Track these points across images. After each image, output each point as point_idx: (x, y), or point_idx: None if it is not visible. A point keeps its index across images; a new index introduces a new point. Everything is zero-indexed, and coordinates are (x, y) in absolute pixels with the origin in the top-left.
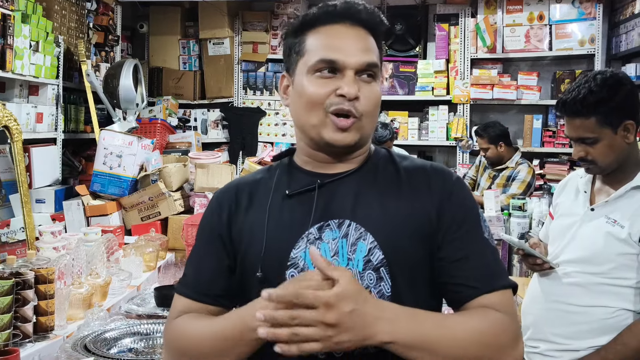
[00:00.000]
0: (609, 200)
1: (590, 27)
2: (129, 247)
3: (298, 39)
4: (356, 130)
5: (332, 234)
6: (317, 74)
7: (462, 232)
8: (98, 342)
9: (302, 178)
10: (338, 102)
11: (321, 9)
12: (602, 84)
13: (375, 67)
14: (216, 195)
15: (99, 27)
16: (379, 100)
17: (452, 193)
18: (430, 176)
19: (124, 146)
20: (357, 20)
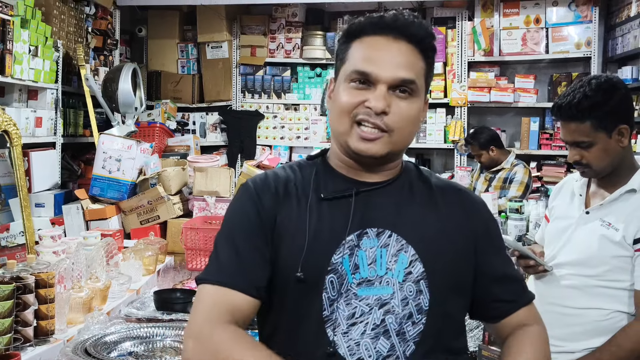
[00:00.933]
0: (604, 203)
1: (586, 30)
2: (128, 250)
3: (344, 46)
4: (383, 143)
5: (370, 242)
6: (352, 84)
7: (496, 254)
8: (98, 345)
9: (337, 182)
10: (364, 112)
11: (368, 19)
12: (596, 88)
13: (411, 84)
14: (252, 185)
15: (97, 32)
16: (414, 117)
17: (487, 218)
18: (463, 197)
19: (123, 150)
20: (402, 33)
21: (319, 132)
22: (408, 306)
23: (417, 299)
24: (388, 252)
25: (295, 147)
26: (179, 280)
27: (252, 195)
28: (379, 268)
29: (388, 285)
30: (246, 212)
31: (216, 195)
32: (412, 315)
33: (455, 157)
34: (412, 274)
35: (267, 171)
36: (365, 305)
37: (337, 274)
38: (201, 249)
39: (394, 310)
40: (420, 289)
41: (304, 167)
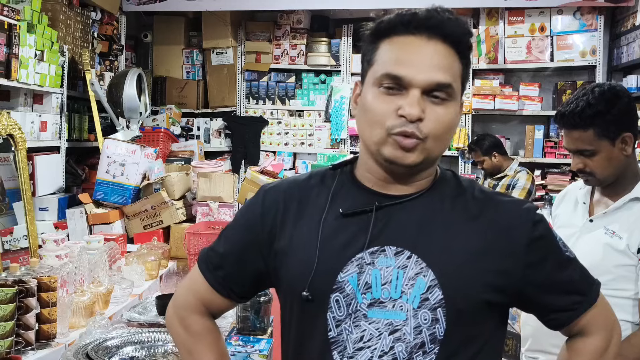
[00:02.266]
0: (608, 211)
1: (591, 39)
2: (131, 255)
3: (371, 46)
4: (420, 151)
5: (386, 261)
6: (382, 89)
7: (548, 269)
8: (100, 350)
9: (360, 195)
10: (400, 124)
11: (398, 17)
12: (600, 96)
13: (447, 88)
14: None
15: (103, 37)
16: (451, 124)
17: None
18: (505, 210)
19: (127, 155)
20: (437, 33)
21: (323, 139)
22: (421, 335)
23: (431, 328)
24: (405, 274)
25: (299, 153)
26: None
27: (259, 206)
28: (394, 290)
29: (401, 311)
30: (248, 219)
31: (219, 201)
32: (424, 344)
33: (459, 164)
34: (428, 300)
35: (287, 179)
36: (375, 329)
37: (343, 293)
38: None
39: (404, 339)
40: (437, 318)
41: (328, 177)
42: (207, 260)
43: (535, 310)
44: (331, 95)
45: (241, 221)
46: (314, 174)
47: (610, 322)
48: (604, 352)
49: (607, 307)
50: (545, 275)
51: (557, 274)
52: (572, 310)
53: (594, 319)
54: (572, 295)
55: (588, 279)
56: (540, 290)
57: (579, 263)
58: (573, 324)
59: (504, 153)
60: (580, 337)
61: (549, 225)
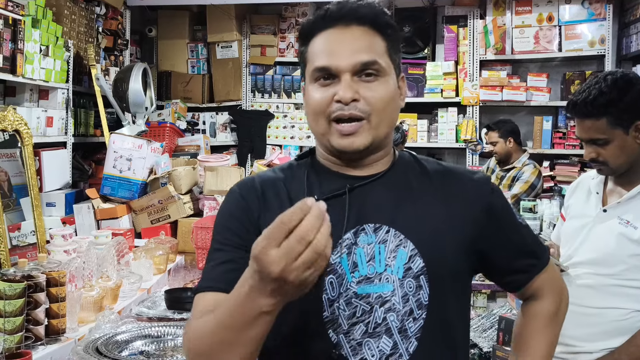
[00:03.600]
0: (622, 201)
1: (600, 28)
2: (139, 250)
3: (302, 49)
4: (365, 132)
5: (367, 238)
6: (317, 82)
7: (506, 231)
8: (109, 344)
9: (331, 179)
10: (337, 108)
11: (316, 15)
12: (612, 84)
13: (374, 65)
14: (238, 193)
15: (108, 32)
16: (388, 97)
17: (490, 196)
18: (463, 180)
19: (133, 149)
20: (352, 19)
21: None
22: (409, 302)
23: (417, 294)
24: (387, 248)
25: (305, 146)
26: (190, 279)
27: (239, 201)
28: (378, 265)
29: (388, 282)
30: (233, 217)
31: None
32: (412, 311)
33: (467, 157)
34: (411, 269)
35: (254, 175)
36: (366, 304)
37: (336, 274)
38: None
39: (395, 308)
40: (420, 284)
41: (295, 167)
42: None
43: (495, 273)
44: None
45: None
46: (279, 167)
47: (559, 286)
48: (557, 313)
49: (556, 272)
50: (503, 238)
51: (513, 237)
52: (527, 272)
53: (546, 282)
54: (527, 258)
55: (539, 244)
56: (500, 253)
57: (530, 229)
58: (528, 285)
59: (519, 142)
60: (534, 300)
61: (502, 192)
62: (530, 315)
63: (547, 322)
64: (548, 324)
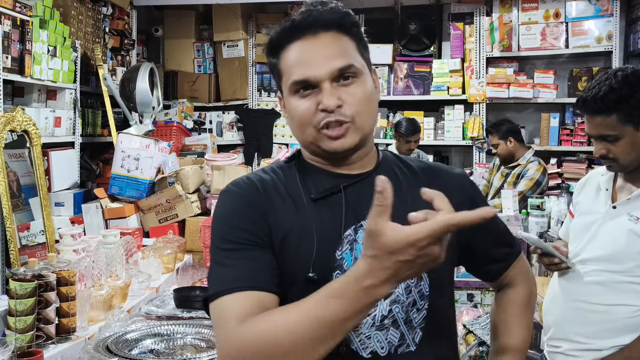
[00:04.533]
0: (631, 197)
1: (607, 24)
2: (148, 249)
3: (273, 61)
4: (352, 133)
5: None
6: (298, 94)
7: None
8: (119, 343)
9: (323, 178)
10: (323, 116)
11: (282, 26)
12: (622, 80)
13: (350, 68)
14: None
15: (114, 32)
16: (368, 96)
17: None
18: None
19: (141, 149)
20: (319, 26)
21: None
22: (411, 294)
23: (418, 285)
24: None
25: None
26: (198, 278)
27: (240, 199)
28: None
29: None
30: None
31: None
32: (415, 302)
33: (473, 154)
34: None
35: (246, 175)
36: None
37: (342, 270)
38: None
39: (399, 300)
40: (421, 276)
41: (284, 168)
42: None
43: (476, 263)
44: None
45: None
46: (267, 169)
47: (530, 273)
48: (530, 299)
49: (525, 260)
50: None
51: (490, 227)
52: (504, 261)
53: (520, 269)
54: (504, 247)
55: (510, 233)
56: (480, 243)
57: (501, 219)
58: (506, 273)
59: (520, 140)
60: (509, 288)
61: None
62: (507, 303)
63: (523, 308)
64: (524, 309)
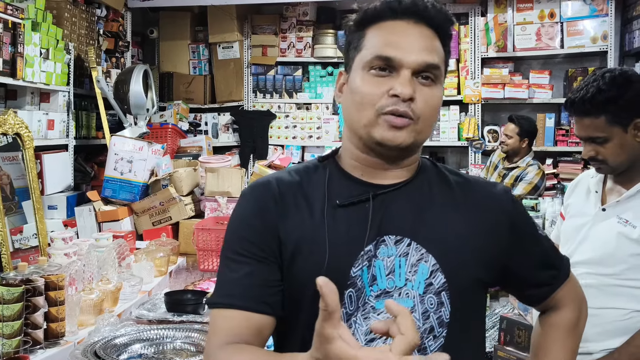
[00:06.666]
0: (621, 200)
1: (602, 24)
2: (140, 252)
3: (358, 33)
4: (410, 132)
5: (387, 250)
6: (372, 72)
7: (527, 244)
8: (108, 348)
9: (352, 186)
10: (392, 102)
11: (384, 4)
12: (610, 82)
13: (436, 70)
14: (251, 193)
15: (109, 34)
16: (437, 105)
17: (510, 207)
18: (483, 191)
19: (134, 151)
20: (423, 17)
21: (331, 132)
22: (429, 320)
23: (438, 311)
24: (407, 261)
25: (308, 146)
26: (191, 281)
27: (253, 206)
28: (398, 279)
29: (408, 298)
30: (248, 224)
31: (228, 196)
32: (433, 329)
33: (469, 155)
34: (433, 285)
35: (270, 176)
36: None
37: (355, 288)
38: (213, 249)
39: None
40: (442, 301)
41: (314, 170)
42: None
43: (515, 287)
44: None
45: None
46: (297, 168)
47: (579, 295)
48: (577, 324)
49: (576, 281)
50: (525, 251)
51: (534, 249)
52: (549, 285)
53: (567, 293)
54: (549, 270)
55: (559, 255)
56: (522, 266)
57: (550, 240)
58: (550, 298)
59: (531, 144)
60: (554, 311)
61: (523, 205)
62: (550, 326)
63: (567, 333)
64: (569, 334)
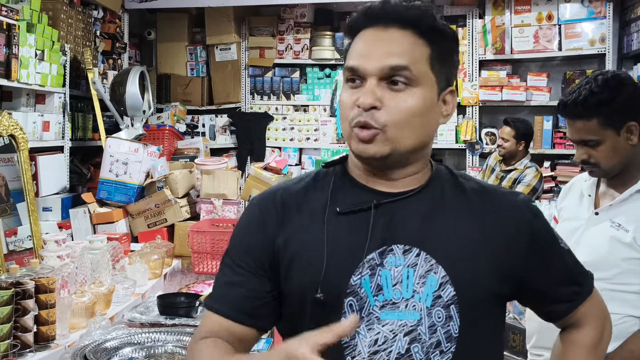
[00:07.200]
0: (614, 203)
1: (600, 26)
2: (135, 254)
3: (348, 45)
4: (382, 142)
5: (395, 260)
6: (348, 83)
7: (547, 257)
8: (98, 351)
9: (357, 193)
10: (356, 114)
11: (360, 12)
12: (603, 84)
13: (404, 71)
14: (256, 204)
15: (106, 35)
16: (417, 109)
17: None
18: (501, 202)
19: (129, 153)
20: (393, 20)
21: (328, 134)
22: (436, 334)
23: (446, 325)
24: (416, 272)
25: (305, 148)
26: (185, 284)
27: (256, 217)
28: (405, 290)
29: (415, 310)
30: (247, 234)
31: (223, 198)
32: (440, 343)
33: (467, 157)
34: (441, 297)
35: (279, 185)
36: (389, 331)
37: (356, 297)
38: (208, 252)
39: (420, 339)
40: (450, 315)
41: (321, 176)
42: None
43: (534, 302)
44: (336, 90)
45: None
46: (304, 176)
47: (603, 313)
48: (599, 342)
49: (600, 298)
50: (545, 265)
51: (556, 264)
52: (570, 302)
53: (590, 310)
54: (570, 286)
55: (583, 270)
56: (541, 281)
57: (573, 255)
58: (571, 315)
59: (527, 146)
60: (575, 328)
61: (544, 216)
62: (571, 344)
63: (589, 352)
64: (590, 353)
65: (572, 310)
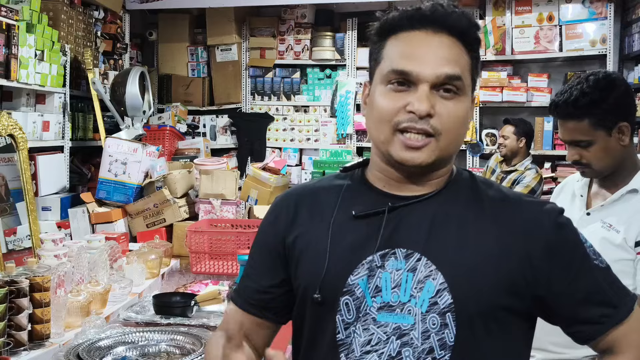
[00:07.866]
0: (605, 204)
1: (601, 27)
2: (132, 254)
3: (378, 45)
4: (431, 150)
5: (396, 264)
6: (390, 86)
7: (572, 274)
8: (92, 350)
9: (372, 197)
10: (408, 119)
11: (402, 13)
12: (594, 85)
13: (457, 81)
14: (275, 203)
15: (107, 36)
16: (463, 118)
17: (549, 236)
18: (522, 213)
19: (128, 153)
20: (443, 25)
21: (328, 134)
22: (429, 340)
23: (440, 333)
24: (415, 277)
25: (305, 149)
26: (183, 283)
27: (270, 216)
28: (403, 294)
29: (410, 315)
30: (262, 232)
31: (222, 198)
32: (433, 350)
33: (467, 158)
34: (437, 304)
35: (299, 185)
36: (383, 333)
37: (353, 296)
38: (206, 252)
39: (412, 343)
40: (446, 322)
41: (338, 180)
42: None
43: (559, 321)
44: (336, 90)
45: (258, 238)
46: (325, 177)
47: None
48: None
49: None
50: (569, 283)
51: (582, 281)
52: (599, 324)
53: (626, 336)
54: (600, 307)
55: (620, 290)
56: (564, 299)
57: (611, 273)
58: (600, 338)
59: (528, 145)
60: (609, 355)
61: (576, 229)
62: None
63: None
64: None
65: (602, 334)
